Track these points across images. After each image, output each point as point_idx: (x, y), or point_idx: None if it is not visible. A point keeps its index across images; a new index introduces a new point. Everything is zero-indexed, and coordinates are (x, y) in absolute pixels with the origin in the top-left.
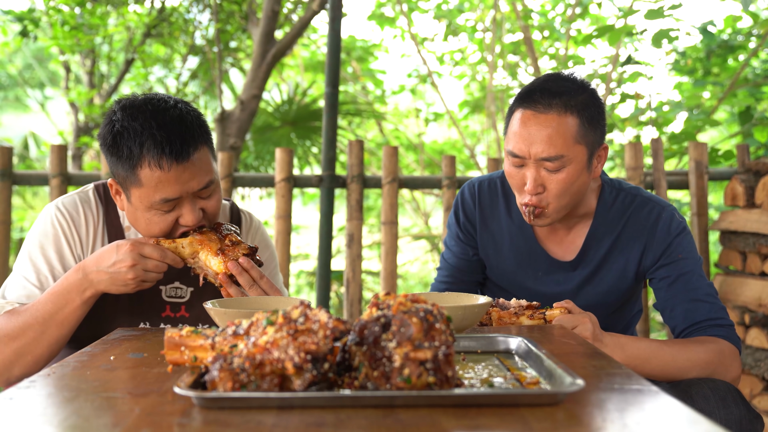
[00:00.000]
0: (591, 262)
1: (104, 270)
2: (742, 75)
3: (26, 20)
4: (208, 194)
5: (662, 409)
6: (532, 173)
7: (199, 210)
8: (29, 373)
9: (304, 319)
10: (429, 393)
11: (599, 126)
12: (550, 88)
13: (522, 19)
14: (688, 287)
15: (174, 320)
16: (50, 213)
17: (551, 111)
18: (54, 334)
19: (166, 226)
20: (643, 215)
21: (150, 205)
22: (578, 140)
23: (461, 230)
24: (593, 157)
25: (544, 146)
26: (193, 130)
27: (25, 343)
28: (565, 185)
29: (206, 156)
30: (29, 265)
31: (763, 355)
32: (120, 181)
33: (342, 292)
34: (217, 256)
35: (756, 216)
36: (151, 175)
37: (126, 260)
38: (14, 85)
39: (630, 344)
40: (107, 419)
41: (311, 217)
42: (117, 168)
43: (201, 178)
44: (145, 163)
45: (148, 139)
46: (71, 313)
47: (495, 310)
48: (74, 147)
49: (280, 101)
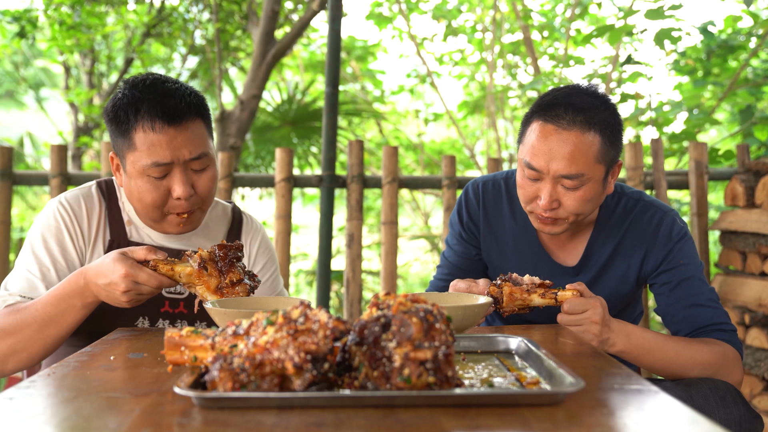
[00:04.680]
0: (593, 267)
1: (101, 286)
2: (742, 75)
3: (24, 21)
4: (200, 167)
5: (662, 409)
6: (548, 189)
7: (190, 185)
8: (23, 368)
9: (304, 319)
10: (429, 393)
11: (618, 144)
12: (574, 103)
13: (522, 19)
14: (689, 292)
15: (172, 316)
16: (53, 207)
17: (574, 128)
18: (52, 334)
19: (158, 195)
20: (645, 220)
21: (142, 170)
22: (598, 159)
23: (464, 229)
24: (609, 174)
25: (565, 164)
26: (188, 101)
27: (21, 340)
28: (581, 203)
29: (201, 129)
30: (31, 257)
31: (763, 355)
32: (118, 151)
33: (342, 292)
34: (215, 294)
35: (756, 216)
36: (144, 137)
37: (120, 285)
38: (12, 82)
39: (636, 333)
40: (107, 419)
41: (311, 217)
42: (116, 137)
43: (193, 148)
44: (139, 126)
45: (144, 104)
46: (72, 316)
47: (507, 284)
48: (74, 147)
49: (279, 101)
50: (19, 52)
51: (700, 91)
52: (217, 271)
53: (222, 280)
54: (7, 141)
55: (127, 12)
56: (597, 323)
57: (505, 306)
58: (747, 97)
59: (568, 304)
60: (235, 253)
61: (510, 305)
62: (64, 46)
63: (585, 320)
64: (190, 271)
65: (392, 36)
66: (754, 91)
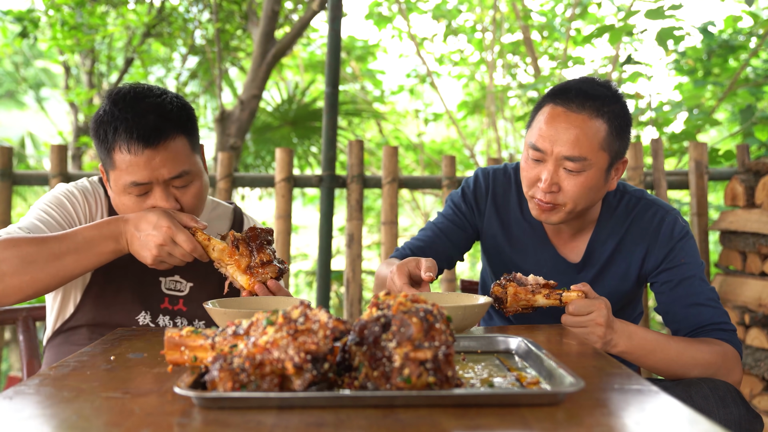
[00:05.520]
0: (596, 264)
1: (139, 232)
2: (742, 75)
3: (26, 21)
4: (182, 184)
5: (662, 409)
6: (549, 171)
7: (173, 200)
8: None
9: (304, 319)
10: (429, 393)
11: (625, 138)
12: (587, 90)
13: (522, 19)
14: (690, 291)
15: (172, 312)
16: (61, 187)
17: (583, 112)
18: (68, 265)
19: (141, 210)
20: (647, 219)
21: (123, 188)
22: (603, 147)
23: (465, 204)
24: (612, 168)
25: (569, 145)
26: (170, 118)
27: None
28: (581, 189)
29: (183, 146)
30: (35, 212)
31: (763, 355)
32: (103, 165)
33: (342, 292)
34: (245, 274)
35: (756, 216)
36: (122, 158)
37: (157, 237)
38: (12, 82)
39: (638, 334)
40: (107, 419)
41: (311, 217)
42: (100, 152)
43: (172, 167)
44: (117, 147)
45: (122, 123)
46: (95, 251)
47: (512, 284)
48: (74, 147)
49: (279, 101)
50: (20, 52)
51: (700, 91)
52: (248, 252)
53: (252, 260)
54: (7, 141)
55: (128, 12)
56: (602, 325)
57: (509, 306)
58: (747, 97)
59: (573, 305)
60: (265, 236)
61: (514, 305)
62: (64, 46)
63: (590, 322)
64: (223, 247)
65: (392, 36)
66: (754, 91)
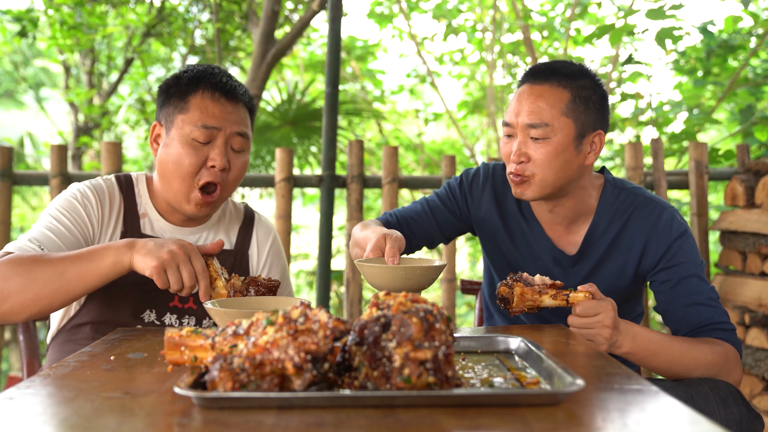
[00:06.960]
0: (592, 257)
1: (156, 241)
2: (742, 74)
3: (25, 20)
4: (239, 147)
5: (662, 409)
6: (518, 141)
7: (227, 160)
8: (16, 315)
9: (304, 319)
10: (429, 393)
11: (595, 110)
12: (554, 66)
13: (522, 19)
14: (689, 291)
15: (180, 311)
16: (74, 188)
17: (546, 83)
18: (71, 280)
19: (196, 161)
20: (644, 215)
21: (189, 133)
22: (566, 113)
23: (459, 189)
24: (584, 139)
25: (531, 114)
26: (244, 92)
27: (35, 276)
28: (548, 156)
29: (246, 117)
30: (46, 220)
31: (763, 355)
32: (165, 118)
33: (342, 292)
34: None
35: (756, 216)
36: (200, 101)
37: (173, 247)
38: (12, 81)
39: (642, 335)
40: (107, 419)
41: (311, 217)
42: (168, 103)
43: (240, 126)
44: (199, 92)
45: (209, 76)
46: (102, 263)
47: (519, 285)
48: (74, 147)
49: (279, 101)
50: (19, 51)
51: (700, 91)
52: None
53: None
54: (7, 141)
55: (128, 11)
56: (608, 327)
57: (515, 306)
58: (747, 97)
59: (581, 306)
60: (264, 293)
61: (520, 305)
62: (64, 45)
63: (596, 324)
64: (224, 293)
65: (392, 35)
66: (754, 90)
